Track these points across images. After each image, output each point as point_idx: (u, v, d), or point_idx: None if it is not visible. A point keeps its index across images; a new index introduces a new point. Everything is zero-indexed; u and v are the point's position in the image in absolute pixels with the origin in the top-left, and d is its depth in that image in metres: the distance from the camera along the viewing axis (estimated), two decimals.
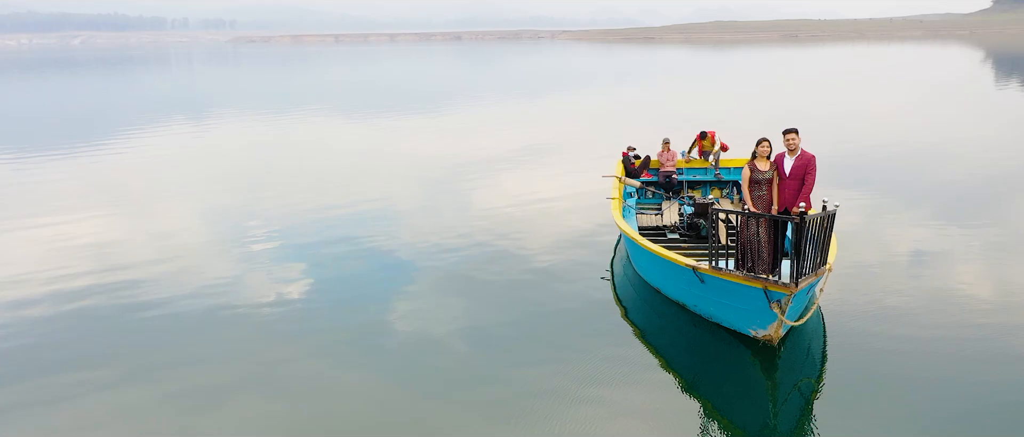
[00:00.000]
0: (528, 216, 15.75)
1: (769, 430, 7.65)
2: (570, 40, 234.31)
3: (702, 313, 9.73)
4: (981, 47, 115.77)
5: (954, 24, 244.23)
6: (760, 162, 8.92)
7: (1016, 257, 12.40)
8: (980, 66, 72.85)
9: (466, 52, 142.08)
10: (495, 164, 21.92)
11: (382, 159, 23.88)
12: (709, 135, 15.54)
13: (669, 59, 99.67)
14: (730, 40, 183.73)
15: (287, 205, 17.24)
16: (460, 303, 10.92)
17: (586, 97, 47.56)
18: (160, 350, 9.59)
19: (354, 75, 76.73)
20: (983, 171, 19.68)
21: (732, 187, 15.37)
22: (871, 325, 9.62)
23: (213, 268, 12.74)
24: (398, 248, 13.70)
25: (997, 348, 8.93)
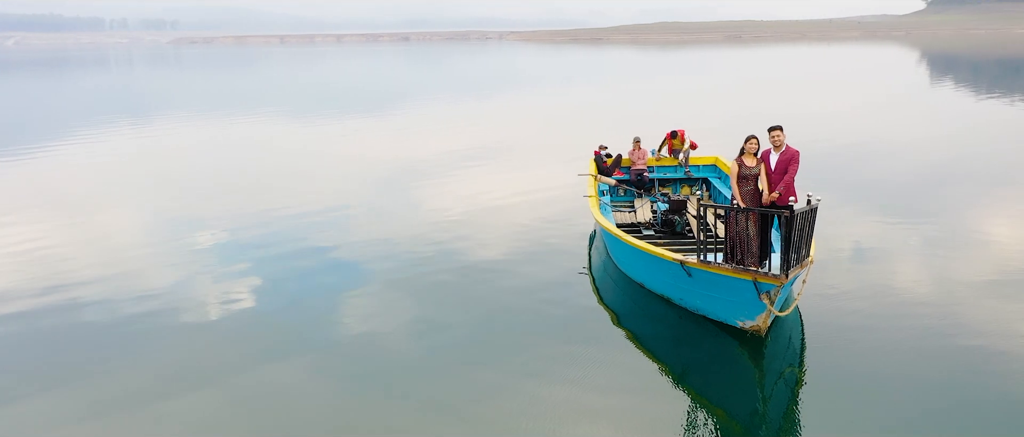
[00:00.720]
0: (493, 216, 15.75)
1: (759, 417, 7.91)
2: (518, 41, 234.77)
3: (688, 306, 9.97)
4: (916, 47, 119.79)
5: (890, 25, 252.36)
6: (747, 158, 9.20)
7: (954, 247, 12.97)
8: (917, 66, 75.36)
9: (414, 53, 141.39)
10: (449, 166, 21.78)
11: (331, 161, 23.56)
12: (679, 134, 15.88)
13: (620, 59, 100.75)
14: (676, 41, 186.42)
15: (233, 209, 16.93)
16: (435, 305, 10.85)
17: (539, 97, 47.86)
18: (101, 357, 9.38)
19: (300, 76, 75.64)
20: (931, 167, 20.46)
21: (701, 184, 15.73)
22: (845, 316, 9.99)
23: (156, 273, 12.48)
24: (350, 250, 13.59)
25: (958, 332, 9.40)
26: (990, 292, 10.78)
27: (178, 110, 41.99)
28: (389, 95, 50.45)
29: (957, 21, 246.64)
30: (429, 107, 41.81)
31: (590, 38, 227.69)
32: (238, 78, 75.60)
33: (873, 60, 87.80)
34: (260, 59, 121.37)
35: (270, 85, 63.79)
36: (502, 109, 40.44)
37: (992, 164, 20.70)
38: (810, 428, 7.55)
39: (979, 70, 68.40)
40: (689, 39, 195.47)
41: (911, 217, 14.99)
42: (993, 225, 14.43)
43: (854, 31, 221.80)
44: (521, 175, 20.23)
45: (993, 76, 61.20)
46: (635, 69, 79.25)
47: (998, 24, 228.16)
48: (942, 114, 34.04)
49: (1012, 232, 13.90)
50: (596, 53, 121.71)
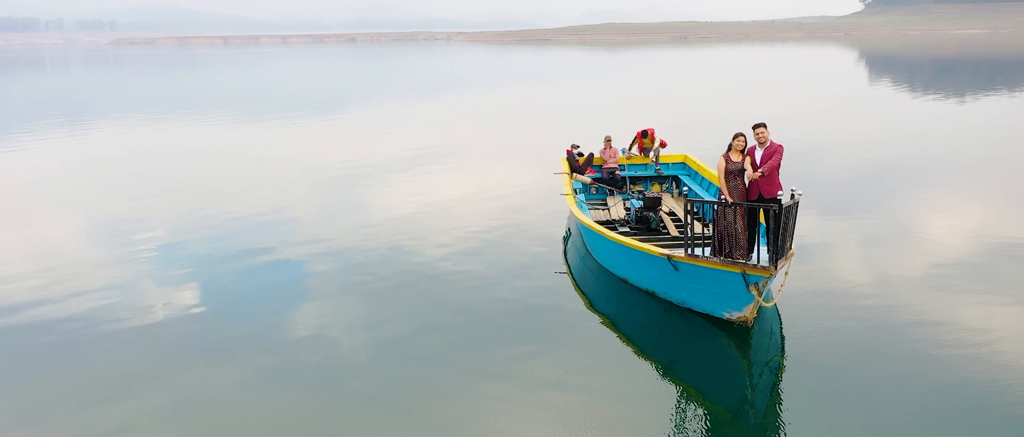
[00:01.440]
0: (455, 218, 15.58)
1: (747, 405, 8.14)
2: (466, 41, 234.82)
3: (673, 299, 10.18)
4: (856, 48, 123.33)
5: (830, 26, 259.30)
6: (734, 154, 9.45)
7: (904, 238, 13.50)
8: (856, 66, 77.59)
9: (362, 54, 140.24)
10: (401, 168, 21.54)
11: (278, 165, 23.02)
12: (649, 133, 16.15)
13: (570, 60, 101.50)
14: (623, 41, 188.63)
15: (176, 214, 16.53)
16: (400, 310, 10.70)
17: (492, 98, 48.05)
18: (39, 365, 9.16)
19: (246, 78, 74.33)
20: (876, 164, 21.15)
21: (672, 181, 16.03)
22: (818, 304, 10.33)
23: (95, 280, 12.18)
24: (299, 254, 13.35)
25: (921, 316, 9.83)
26: (945, 279, 11.27)
27: (118, 113, 40.58)
28: (337, 97, 49.82)
29: (893, 22, 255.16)
30: (379, 108, 41.46)
31: (538, 39, 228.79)
32: (181, 80, 73.64)
33: (816, 60, 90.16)
34: (203, 61, 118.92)
35: (214, 87, 62.43)
36: (454, 110, 40.32)
37: (934, 161, 21.51)
38: (799, 413, 7.78)
39: (915, 70, 70.74)
40: (636, 40, 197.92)
41: (862, 212, 15.43)
42: (939, 217, 14.97)
43: (796, 32, 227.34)
44: (478, 176, 20.23)
45: (928, 76, 63.32)
46: (586, 69, 79.93)
47: (932, 25, 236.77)
48: (882, 113, 34.99)
49: (953, 224, 14.44)
50: (545, 54, 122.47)
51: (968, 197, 16.81)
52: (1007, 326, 9.54)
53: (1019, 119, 31.85)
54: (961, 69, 69.61)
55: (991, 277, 11.33)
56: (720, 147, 10.34)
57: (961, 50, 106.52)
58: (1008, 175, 19.18)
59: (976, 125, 29.56)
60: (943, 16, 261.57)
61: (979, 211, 15.42)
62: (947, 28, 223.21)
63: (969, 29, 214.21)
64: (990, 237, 13.40)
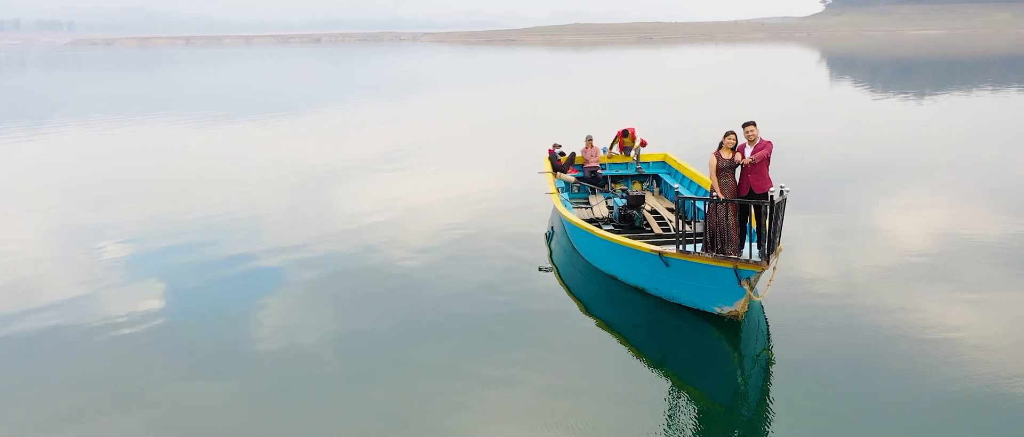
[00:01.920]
0: (440, 218, 15.57)
1: (741, 398, 8.32)
2: (433, 42, 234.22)
3: (664, 295, 10.34)
4: (817, 48, 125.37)
5: (793, 27, 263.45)
6: (725, 152, 9.63)
7: (864, 238, 13.80)
8: (818, 67, 78.92)
9: (328, 54, 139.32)
10: (375, 169, 21.40)
11: (247, 167, 22.66)
12: (630, 132, 16.33)
13: (539, 60, 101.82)
14: (590, 42, 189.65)
15: (141, 217, 16.26)
16: (394, 310, 10.67)
17: (462, 98, 48.06)
18: (5, 371, 9.02)
19: (210, 79, 73.27)
20: (849, 163, 21.63)
21: (652, 180, 16.23)
22: (800, 297, 10.58)
23: (60, 285, 11.97)
24: (269, 257, 13.20)
25: (901, 308, 10.11)
26: (912, 272, 11.65)
27: (79, 116, 39.45)
28: (304, 98, 49.29)
29: (854, 22, 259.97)
30: (348, 110, 41.11)
31: (505, 40, 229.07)
32: (143, 82, 72.29)
33: (780, 61, 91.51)
34: (165, 61, 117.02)
35: (177, 89, 61.29)
36: (425, 111, 40.15)
37: (897, 160, 21.99)
38: (790, 404, 7.95)
39: (876, 70, 72.14)
40: (602, 40, 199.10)
41: (830, 210, 15.70)
42: (902, 214, 15.31)
43: (759, 32, 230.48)
44: (453, 177, 20.18)
45: (889, 76, 64.61)
46: (556, 69, 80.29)
47: (892, 25, 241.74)
48: (846, 113, 35.45)
49: (917, 220, 14.81)
50: (513, 54, 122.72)
51: (931, 195, 17.19)
52: (974, 317, 9.89)
53: (976, 118, 32.59)
54: (920, 69, 71.13)
55: (957, 270, 11.69)
56: (696, 147, 10.53)
57: (920, 50, 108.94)
58: (967, 173, 19.62)
59: (936, 125, 30.17)
60: (902, 17, 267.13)
61: (942, 208, 15.81)
62: (906, 29, 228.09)
63: (928, 30, 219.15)
64: (953, 233, 13.76)
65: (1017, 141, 24.86)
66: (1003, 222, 14.46)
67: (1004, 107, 36.46)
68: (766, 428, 7.64)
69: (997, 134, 26.67)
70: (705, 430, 7.66)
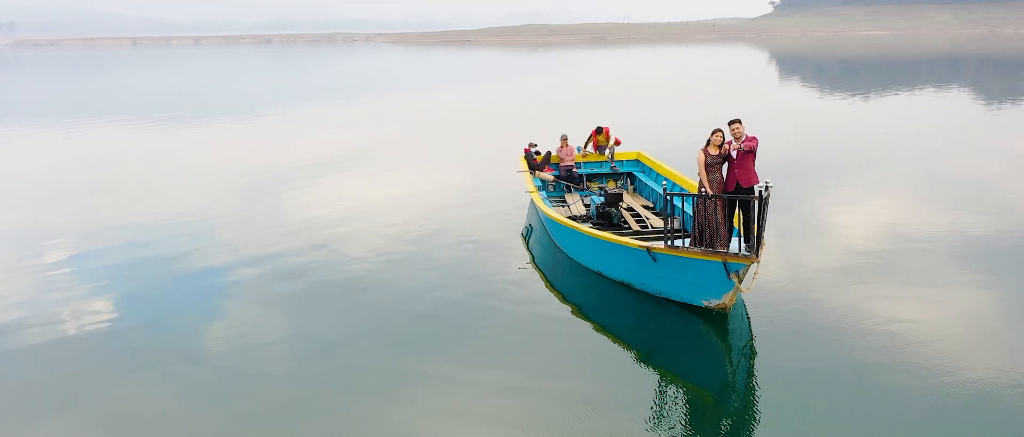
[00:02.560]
0: (412, 219, 15.46)
1: (729, 388, 8.55)
2: (386, 42, 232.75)
3: (650, 290, 10.56)
4: (767, 49, 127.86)
5: (742, 27, 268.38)
6: (713, 148, 9.89)
7: (815, 234, 14.27)
8: (772, 67, 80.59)
9: (281, 55, 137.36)
10: (342, 170, 21.26)
11: (197, 170, 22.22)
12: (604, 130, 16.58)
13: (496, 61, 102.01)
14: (544, 42, 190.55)
15: (86, 223, 15.89)
16: (374, 313, 10.57)
17: (421, 98, 47.87)
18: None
19: (158, 81, 71.49)
20: (801, 160, 22.20)
21: (626, 178, 16.50)
22: (779, 289, 10.88)
23: (6, 291, 11.70)
24: (222, 261, 12.99)
25: (861, 298, 10.50)
26: (870, 265, 12.07)
27: (21, 118, 38.02)
28: (257, 99, 48.57)
29: (802, 24, 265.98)
30: (305, 111, 40.51)
31: (459, 40, 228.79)
32: (88, 83, 70.23)
33: (732, 61, 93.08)
34: (111, 63, 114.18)
35: (124, 90, 59.75)
36: (385, 112, 39.87)
37: (847, 158, 22.65)
38: (779, 392, 8.20)
39: (823, 70, 73.84)
40: (556, 41, 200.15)
41: (786, 208, 16.12)
42: (857, 210, 15.82)
43: (710, 33, 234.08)
44: (421, 178, 20.10)
45: (835, 76, 66.15)
46: (515, 70, 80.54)
47: (838, 27, 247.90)
48: (796, 112, 36.14)
49: (872, 216, 15.27)
50: (468, 54, 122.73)
51: (876, 191, 17.54)
52: (921, 307, 10.28)
53: (919, 117, 33.40)
54: (865, 70, 72.95)
55: (904, 264, 12.09)
56: (663, 145, 10.68)
57: (865, 51, 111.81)
58: (910, 170, 20.11)
59: (880, 124, 30.93)
60: (847, 18, 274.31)
61: (888, 204, 16.22)
62: (851, 29, 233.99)
63: (872, 30, 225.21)
64: (898, 228, 14.16)
65: (958, 140, 25.61)
66: (946, 217, 14.91)
67: (945, 106, 37.49)
68: (756, 416, 7.85)
69: (938, 133, 27.38)
70: (697, 420, 7.84)
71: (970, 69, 68.31)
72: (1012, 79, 57.13)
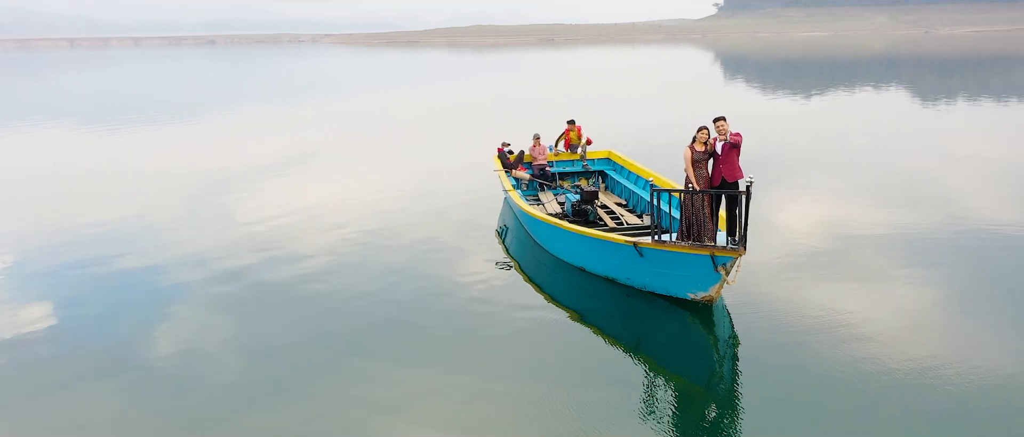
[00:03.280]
0: (374, 220, 15.40)
1: (717, 378, 8.76)
2: (333, 44, 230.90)
3: (635, 284, 10.76)
4: (712, 49, 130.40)
5: (688, 28, 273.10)
6: (698, 145, 10.14)
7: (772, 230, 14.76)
8: (712, 67, 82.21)
9: (225, 56, 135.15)
10: (286, 172, 21.05)
11: (141, 173, 21.70)
12: (576, 129, 16.81)
13: (446, 62, 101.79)
14: (492, 43, 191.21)
15: (23, 231, 15.42)
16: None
17: (372, 99, 47.61)
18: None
19: (96, 82, 69.65)
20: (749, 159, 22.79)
21: (598, 177, 16.75)
22: (757, 280, 11.19)
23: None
24: (167, 267, 12.71)
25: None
26: (817, 260, 12.49)
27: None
28: (200, 101, 47.64)
29: (745, 24, 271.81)
30: (252, 113, 40.10)
31: (407, 41, 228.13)
32: (22, 85, 67.76)
33: (680, 62, 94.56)
34: (46, 65, 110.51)
35: (60, 93, 57.83)
36: (336, 113, 39.56)
37: (789, 154, 23.31)
38: (766, 379, 8.44)
39: (766, 70, 75.65)
40: (504, 42, 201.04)
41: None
42: (796, 205, 16.33)
43: (656, 34, 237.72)
44: (387, 178, 19.97)
45: (779, 76, 67.79)
46: (466, 71, 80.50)
47: (780, 28, 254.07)
48: (741, 110, 36.71)
49: (806, 211, 15.80)
50: (416, 55, 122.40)
51: (820, 187, 17.96)
52: (866, 298, 10.63)
53: (860, 115, 34.31)
54: (807, 69, 74.89)
55: (848, 258, 12.45)
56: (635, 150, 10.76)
57: (807, 51, 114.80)
58: (853, 167, 20.60)
59: (823, 122, 31.75)
60: (789, 19, 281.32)
61: (831, 200, 16.67)
62: (794, 30, 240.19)
63: (813, 32, 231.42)
64: (841, 222, 14.60)
65: (897, 137, 26.32)
66: (888, 213, 15.36)
67: (884, 105, 38.51)
68: (745, 403, 8.05)
69: (877, 130, 28.11)
70: (686, 409, 8.01)
71: (907, 69, 70.61)
72: (946, 78, 59.24)
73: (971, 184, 17.95)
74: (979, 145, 23.93)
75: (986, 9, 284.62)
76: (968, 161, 21.04)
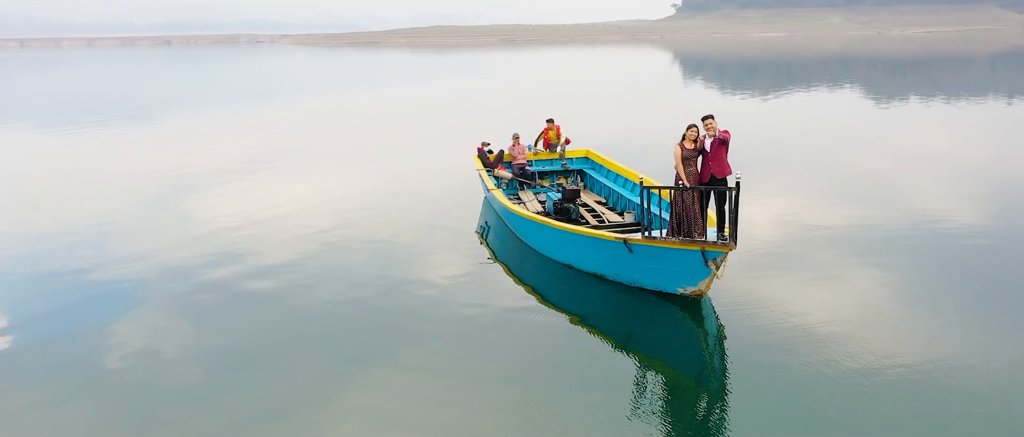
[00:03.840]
0: (353, 222, 15.31)
1: (709, 370, 8.96)
2: (293, 44, 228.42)
3: (624, 280, 10.95)
4: (671, 50, 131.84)
5: (647, 29, 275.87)
6: (688, 143, 10.35)
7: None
8: (671, 67, 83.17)
9: (181, 57, 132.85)
10: (252, 174, 20.83)
11: (98, 177, 21.23)
12: (555, 128, 16.98)
13: (407, 63, 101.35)
14: (453, 44, 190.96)
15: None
16: (298, 320, 10.38)
17: (338, 100, 47.20)
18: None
19: (49, 84, 67.79)
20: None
21: (576, 175, 16.96)
22: (740, 273, 11.46)
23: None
24: (131, 272, 12.49)
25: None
26: (774, 258, 12.84)
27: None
28: (158, 103, 46.49)
29: (703, 25, 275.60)
30: (211, 114, 39.42)
31: (367, 42, 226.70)
32: None
33: (641, 62, 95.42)
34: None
35: (11, 94, 56.38)
36: (299, 114, 39.13)
37: (746, 154, 23.77)
38: (756, 370, 8.66)
39: (724, 70, 76.78)
40: (465, 42, 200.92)
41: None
42: (758, 203, 16.76)
43: (616, 34, 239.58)
44: (357, 179, 19.84)
45: (737, 76, 68.85)
46: (428, 72, 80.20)
47: (738, 28, 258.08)
48: (701, 110, 37.32)
49: (767, 209, 16.22)
50: (377, 56, 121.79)
51: (782, 186, 18.23)
52: (826, 293, 10.97)
53: (817, 114, 34.97)
54: (764, 70, 76.14)
55: (806, 254, 12.77)
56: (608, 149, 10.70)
57: (765, 52, 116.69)
58: (812, 166, 21.01)
59: (781, 121, 32.29)
60: (746, 20, 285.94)
61: (796, 197, 17.02)
62: (751, 31, 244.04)
63: (770, 33, 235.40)
64: (800, 220, 14.93)
65: (853, 137, 26.85)
66: (845, 210, 15.70)
67: (840, 104, 39.29)
68: (735, 395, 8.23)
69: (834, 130, 28.58)
70: (677, 402, 8.18)
71: (861, 69, 72.19)
72: (899, 78, 60.68)
73: (926, 182, 18.42)
74: (933, 143, 24.54)
75: (937, 11, 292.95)
76: (922, 160, 21.49)
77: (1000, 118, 32.10)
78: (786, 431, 7.46)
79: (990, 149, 23.28)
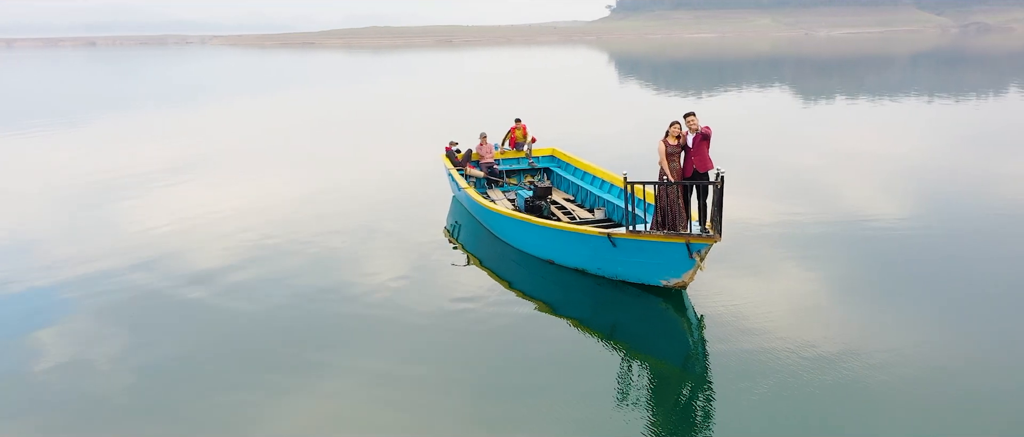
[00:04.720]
0: (314, 223, 15.15)
1: (693, 358, 9.31)
2: (224, 45, 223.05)
3: (606, 274, 11.25)
4: (606, 50, 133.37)
5: (583, 30, 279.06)
6: (671, 139, 10.68)
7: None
8: (607, 67, 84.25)
9: (107, 58, 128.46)
10: (187, 177, 20.45)
11: (15, 182, 20.57)
12: (522, 128, 17.24)
13: (344, 64, 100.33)
14: (389, 45, 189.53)
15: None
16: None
17: (269, 103, 46.38)
18: None
19: None
20: None
21: (543, 174, 17.25)
22: (727, 268, 11.77)
23: None
24: (58, 278, 12.21)
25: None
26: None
27: None
28: (84, 105, 44.86)
29: (637, 27, 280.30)
30: (140, 117, 38.28)
31: (301, 42, 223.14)
32: None
33: (580, 63, 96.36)
34: None
35: None
36: (237, 116, 38.50)
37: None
38: (741, 358, 8.98)
39: (658, 71, 78.21)
40: (402, 43, 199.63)
41: None
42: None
43: (552, 35, 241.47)
44: (313, 180, 19.65)
45: (670, 76, 70.16)
46: (366, 72, 79.60)
47: (670, 30, 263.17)
48: (636, 111, 37.92)
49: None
50: (312, 57, 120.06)
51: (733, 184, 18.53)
52: (762, 286, 11.54)
53: (746, 114, 35.64)
54: (696, 70, 77.73)
55: (743, 250, 13.22)
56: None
57: (697, 53, 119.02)
58: (749, 164, 21.22)
59: (713, 121, 32.97)
60: (677, 21, 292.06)
61: (742, 196, 17.40)
62: (682, 33, 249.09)
63: (701, 33, 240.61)
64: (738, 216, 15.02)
65: (783, 134, 27.83)
66: (780, 206, 16.11)
67: (769, 103, 40.38)
68: (719, 380, 8.54)
69: (765, 129, 29.29)
70: (664, 389, 8.49)
71: (789, 69, 74.36)
72: (825, 78, 62.65)
73: (854, 178, 18.95)
74: (858, 142, 25.18)
75: (860, 12, 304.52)
76: (849, 157, 22.02)
77: (923, 114, 33.50)
78: (769, 415, 7.75)
79: (910, 144, 24.15)
